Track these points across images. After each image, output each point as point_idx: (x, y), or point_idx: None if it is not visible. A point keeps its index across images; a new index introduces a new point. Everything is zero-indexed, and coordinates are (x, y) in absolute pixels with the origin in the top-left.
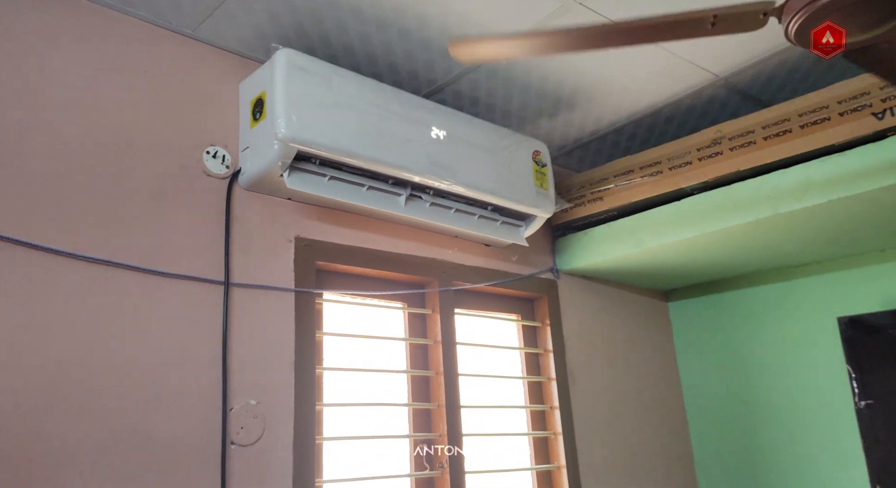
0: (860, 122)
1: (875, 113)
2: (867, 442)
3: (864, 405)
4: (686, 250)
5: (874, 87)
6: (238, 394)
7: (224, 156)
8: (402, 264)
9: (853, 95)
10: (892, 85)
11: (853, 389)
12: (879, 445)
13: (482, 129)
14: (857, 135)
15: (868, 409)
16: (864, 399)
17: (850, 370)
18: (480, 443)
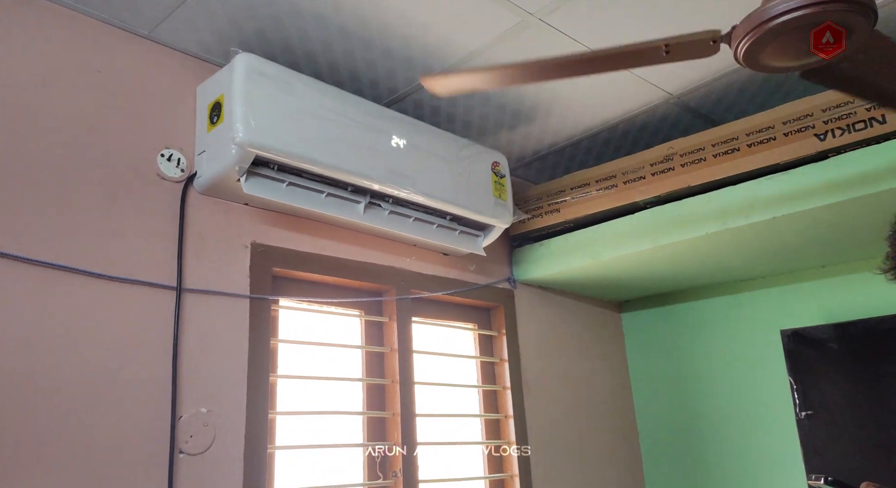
0: (803, 142)
1: (817, 134)
2: (807, 451)
3: (805, 415)
4: (639, 262)
5: (817, 110)
6: (188, 402)
7: (179, 160)
8: (360, 272)
9: (797, 117)
10: (861, 99)
11: (794, 400)
12: (818, 454)
13: (442, 139)
14: (800, 155)
15: (808, 419)
16: (805, 409)
17: (791, 381)
18: (435, 451)
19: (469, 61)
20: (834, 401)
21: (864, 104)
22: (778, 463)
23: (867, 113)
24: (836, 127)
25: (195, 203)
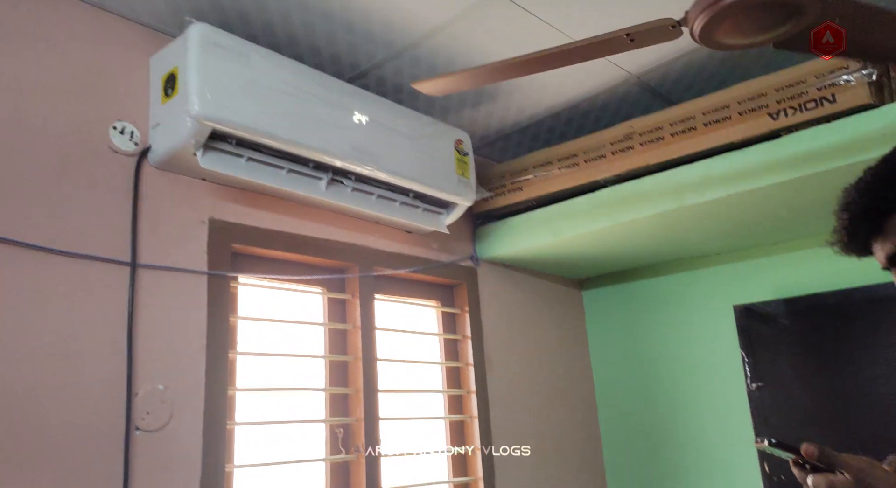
0: (757, 121)
1: (770, 113)
2: (757, 421)
3: (755, 387)
4: (599, 240)
5: (770, 89)
6: (144, 379)
7: (133, 133)
8: (322, 249)
9: (751, 96)
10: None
11: (746, 372)
12: (768, 424)
13: (405, 117)
14: (754, 133)
15: (758, 391)
16: (755, 381)
17: (743, 354)
18: (398, 428)
19: (432, 37)
20: (783, 373)
21: (816, 83)
22: (729, 432)
23: (818, 92)
24: (788, 106)
25: (150, 177)
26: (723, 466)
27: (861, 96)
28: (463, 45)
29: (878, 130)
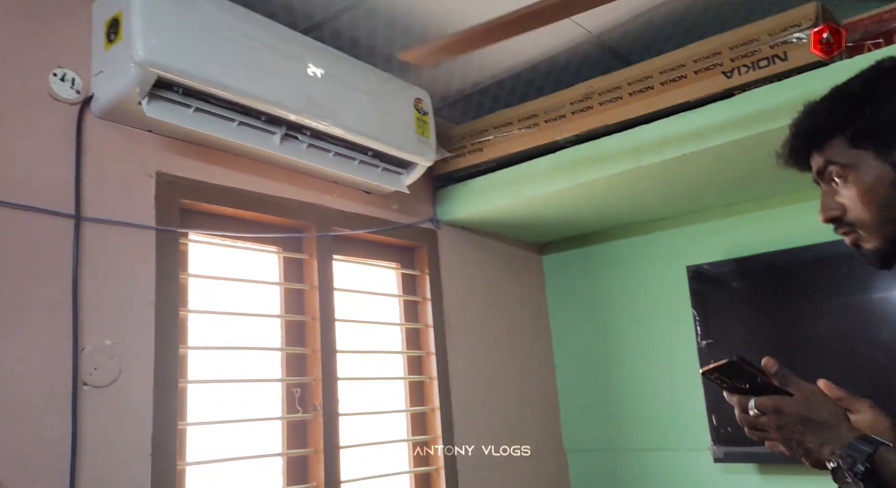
0: (712, 80)
1: (725, 72)
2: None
3: (705, 344)
4: (559, 202)
5: (725, 47)
6: (91, 334)
7: (74, 80)
8: (278, 207)
9: (706, 55)
10: None
11: (696, 330)
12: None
13: (363, 72)
14: (708, 92)
15: (708, 348)
16: (705, 338)
17: (694, 313)
18: (357, 388)
19: None
20: (731, 330)
21: (769, 41)
22: (680, 388)
23: (770, 50)
24: (741, 64)
25: (93, 127)
26: (673, 420)
27: (811, 53)
28: None
29: (827, 87)
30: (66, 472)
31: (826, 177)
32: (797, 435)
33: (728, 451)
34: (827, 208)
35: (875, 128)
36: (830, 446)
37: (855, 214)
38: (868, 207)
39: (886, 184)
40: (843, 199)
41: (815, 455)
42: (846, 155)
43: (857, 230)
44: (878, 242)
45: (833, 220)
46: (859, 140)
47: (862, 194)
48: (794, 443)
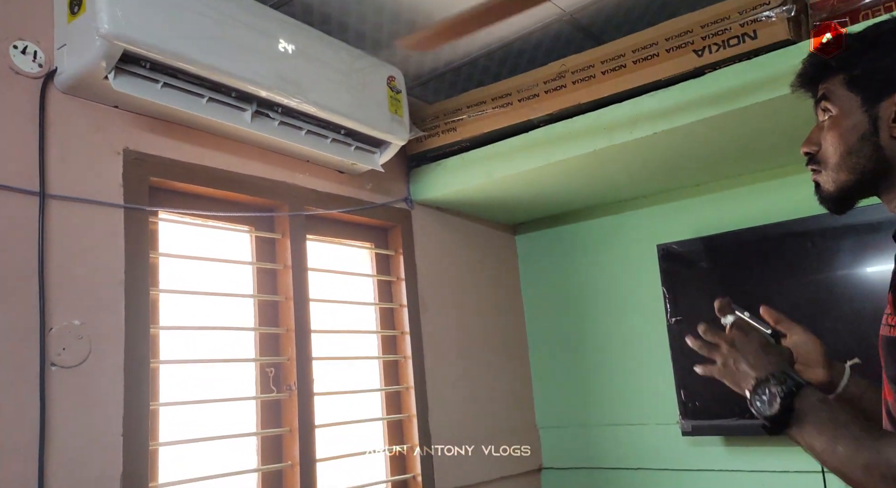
0: (683, 58)
1: (696, 50)
2: (675, 352)
3: (674, 321)
4: (533, 181)
5: (696, 26)
6: (59, 314)
7: (36, 53)
8: (250, 186)
9: (678, 33)
10: None
11: (666, 308)
12: (684, 355)
13: (335, 49)
14: (680, 70)
15: (677, 324)
16: (675, 315)
17: (664, 291)
18: (331, 368)
19: None
20: (700, 308)
21: (739, 20)
22: (650, 364)
23: (740, 29)
24: (712, 43)
25: (57, 102)
26: (643, 395)
27: (780, 32)
28: None
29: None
30: (35, 456)
31: (819, 109)
32: (732, 365)
33: (695, 425)
34: (809, 141)
35: (869, 75)
36: (751, 377)
37: (824, 154)
38: (836, 151)
39: (858, 134)
40: (822, 138)
41: (741, 384)
42: (838, 95)
43: (822, 170)
44: (832, 187)
45: (808, 155)
46: (853, 84)
47: (835, 136)
48: (728, 373)
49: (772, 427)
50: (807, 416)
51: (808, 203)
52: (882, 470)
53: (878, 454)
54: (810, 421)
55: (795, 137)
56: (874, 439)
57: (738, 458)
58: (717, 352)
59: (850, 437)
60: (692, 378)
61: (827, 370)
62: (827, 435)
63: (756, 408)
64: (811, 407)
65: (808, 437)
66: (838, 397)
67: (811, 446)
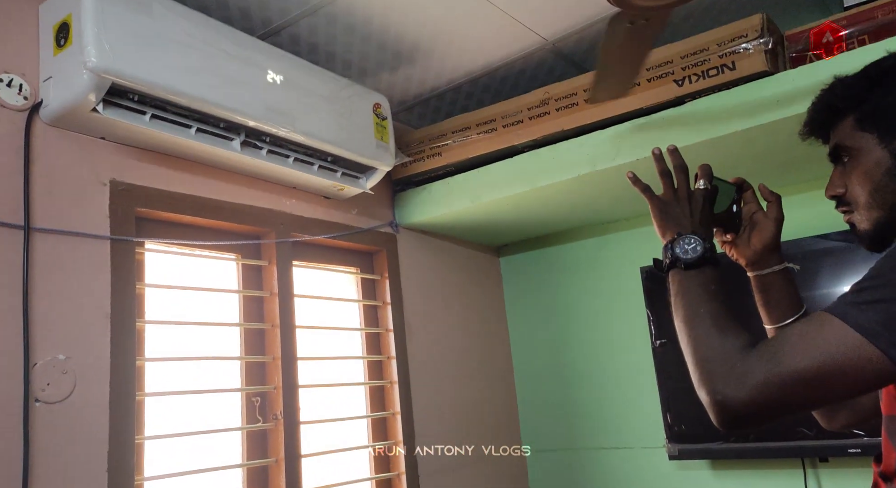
0: (664, 87)
1: (676, 80)
2: (660, 375)
3: (659, 344)
4: (516, 205)
5: (676, 57)
6: (44, 348)
7: (21, 86)
8: (236, 214)
9: (658, 64)
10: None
11: (651, 330)
12: (670, 378)
13: (322, 78)
14: (661, 99)
15: (661, 347)
16: (659, 338)
17: (648, 313)
18: (318, 395)
19: None
20: None
21: (718, 51)
22: (636, 387)
23: (719, 60)
24: (692, 73)
25: (43, 135)
26: (629, 418)
27: (758, 64)
28: (380, 3)
29: (773, 96)
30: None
31: (836, 153)
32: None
33: (682, 449)
34: (832, 185)
35: (881, 112)
36: (687, 225)
37: (852, 195)
38: (863, 190)
39: (882, 169)
40: (847, 179)
41: (667, 223)
42: (852, 137)
43: (854, 210)
44: (867, 225)
45: (835, 197)
46: (865, 123)
47: (860, 176)
48: (665, 204)
49: (673, 266)
50: (709, 275)
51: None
52: (734, 367)
53: (741, 350)
54: (704, 283)
55: (773, 164)
56: (747, 338)
57: (725, 482)
58: (667, 181)
59: (729, 319)
60: (678, 401)
61: (768, 251)
62: (708, 304)
63: (677, 248)
64: (715, 274)
65: (690, 293)
66: (757, 276)
67: (686, 303)
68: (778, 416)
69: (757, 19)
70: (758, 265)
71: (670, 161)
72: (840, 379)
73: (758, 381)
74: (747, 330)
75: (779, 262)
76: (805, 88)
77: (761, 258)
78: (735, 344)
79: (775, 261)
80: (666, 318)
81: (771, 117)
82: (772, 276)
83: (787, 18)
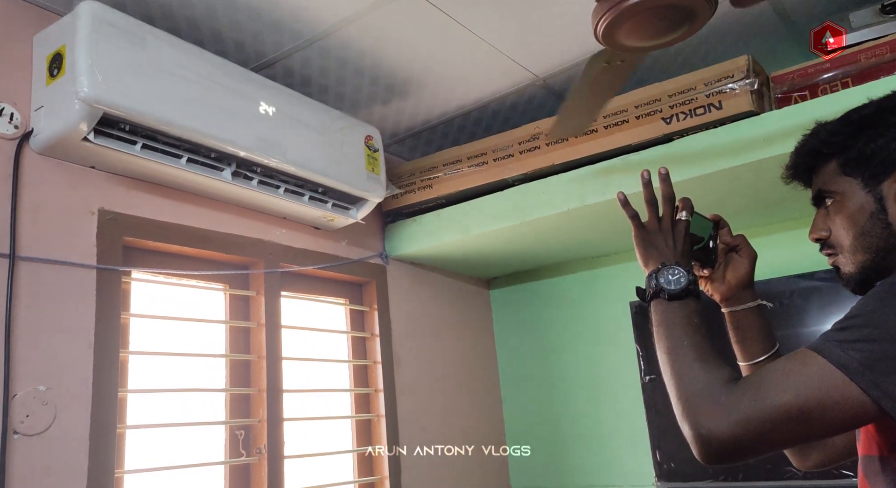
0: (652, 125)
1: (664, 118)
2: (649, 411)
3: (648, 379)
4: (507, 238)
5: (664, 95)
6: (24, 379)
7: (12, 115)
8: (224, 244)
9: (647, 101)
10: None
11: (640, 366)
12: (659, 415)
13: (314, 110)
14: (649, 136)
15: (651, 383)
16: (648, 374)
17: (637, 349)
18: (303, 428)
19: (342, 28)
20: None
21: (705, 91)
22: (625, 424)
23: (706, 99)
24: (680, 111)
25: (32, 163)
26: (618, 456)
27: (744, 104)
28: (374, 37)
29: (759, 136)
30: None
31: (819, 197)
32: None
33: (672, 487)
34: (816, 228)
35: (865, 157)
36: (670, 255)
37: (837, 238)
38: (848, 233)
39: (867, 214)
40: (831, 222)
41: (649, 252)
42: (836, 182)
43: (838, 253)
44: (852, 268)
45: (819, 241)
46: (849, 167)
47: (844, 220)
48: (648, 233)
49: (657, 296)
50: (692, 308)
51: (774, 264)
52: (718, 401)
53: (725, 384)
54: (688, 315)
55: (759, 201)
56: (730, 372)
57: None
58: (653, 210)
59: (712, 353)
60: (668, 438)
61: (742, 288)
62: (692, 337)
63: (661, 278)
64: (698, 306)
65: (674, 325)
66: (731, 312)
67: (669, 335)
68: (760, 452)
69: (743, 61)
70: (732, 301)
71: (659, 187)
72: (821, 415)
73: (741, 416)
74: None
75: (752, 299)
76: (790, 128)
77: (735, 294)
78: (719, 378)
79: (749, 297)
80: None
81: (757, 156)
82: (745, 313)
83: (773, 60)
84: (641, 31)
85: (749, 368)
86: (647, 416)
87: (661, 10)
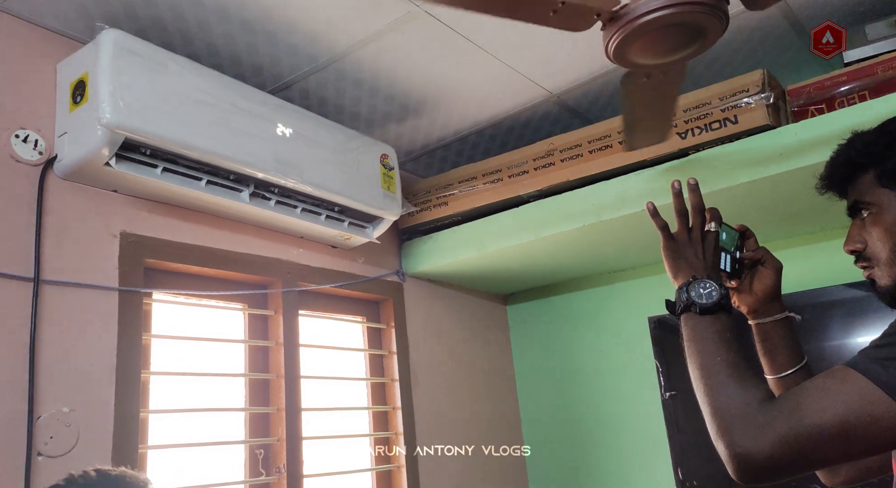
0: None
1: (679, 133)
2: (670, 428)
3: (669, 396)
4: (523, 255)
5: (679, 110)
6: (48, 401)
7: (37, 142)
8: (243, 264)
9: None
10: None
11: (660, 382)
12: (681, 432)
13: (330, 130)
14: (665, 152)
15: (671, 399)
16: (669, 390)
17: (657, 364)
18: (322, 446)
19: (357, 50)
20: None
21: (720, 105)
22: (646, 441)
23: (722, 114)
24: (695, 126)
25: (56, 188)
26: (639, 473)
27: (760, 118)
28: (388, 59)
29: (775, 150)
30: None
31: (855, 208)
32: (682, 247)
33: None
34: (851, 240)
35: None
36: (701, 268)
37: (873, 251)
38: (885, 246)
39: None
40: (867, 234)
41: (680, 265)
42: (872, 193)
43: (874, 266)
44: (889, 281)
45: (854, 253)
46: (886, 179)
47: (881, 232)
48: (679, 246)
49: (687, 310)
50: (724, 322)
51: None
52: (754, 420)
53: (761, 402)
54: (720, 331)
55: (777, 215)
56: (765, 389)
57: None
58: (683, 221)
59: (746, 370)
60: (690, 455)
61: (769, 299)
62: (725, 353)
63: (693, 292)
64: (730, 321)
65: (705, 341)
66: (759, 325)
67: (701, 350)
68: (797, 472)
69: (758, 75)
70: (759, 313)
71: (689, 198)
72: (861, 434)
73: (778, 435)
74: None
75: (780, 311)
76: (808, 142)
77: (762, 306)
78: (754, 395)
79: (776, 309)
80: (675, 370)
81: (775, 170)
82: (773, 325)
83: (789, 74)
84: (653, 49)
85: (776, 381)
86: (669, 433)
87: (672, 29)
